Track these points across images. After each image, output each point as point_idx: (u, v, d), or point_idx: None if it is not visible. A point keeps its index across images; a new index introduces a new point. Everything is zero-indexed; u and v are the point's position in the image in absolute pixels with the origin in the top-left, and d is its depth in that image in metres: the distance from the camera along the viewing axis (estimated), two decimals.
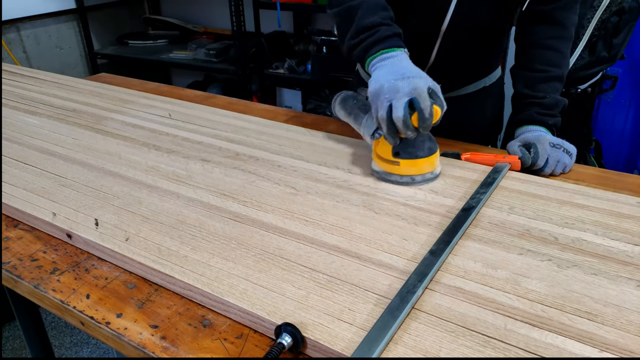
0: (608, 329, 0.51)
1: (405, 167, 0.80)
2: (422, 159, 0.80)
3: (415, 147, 0.80)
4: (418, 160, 0.80)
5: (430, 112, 0.75)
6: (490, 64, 1.12)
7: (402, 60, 0.82)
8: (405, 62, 0.82)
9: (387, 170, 0.82)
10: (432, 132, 0.80)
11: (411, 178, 0.80)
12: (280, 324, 0.52)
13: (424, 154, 0.80)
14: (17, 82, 1.44)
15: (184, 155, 0.93)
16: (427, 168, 0.81)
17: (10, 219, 0.79)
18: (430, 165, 0.81)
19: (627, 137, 2.04)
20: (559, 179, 0.84)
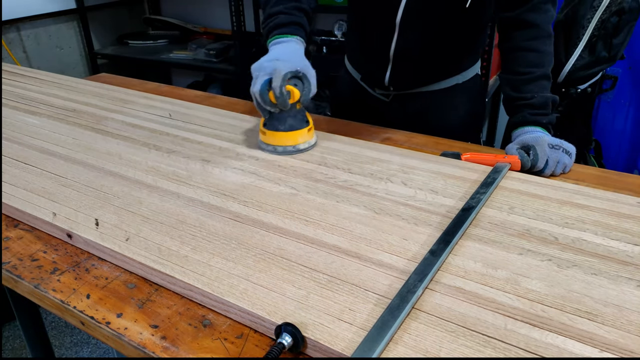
0: (608, 329, 0.51)
1: (269, 137, 0.93)
2: (281, 132, 0.92)
3: (278, 121, 0.93)
4: (277, 133, 0.93)
5: (280, 91, 0.86)
6: (460, 62, 1.11)
7: (288, 46, 0.93)
8: (290, 48, 0.93)
9: (260, 137, 0.96)
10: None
11: (273, 148, 0.93)
12: (281, 324, 0.52)
13: (283, 129, 0.92)
14: (17, 82, 1.44)
15: (184, 155, 0.93)
16: (288, 142, 0.93)
17: (10, 219, 0.79)
18: (290, 140, 0.93)
19: (627, 137, 2.04)
20: (559, 179, 0.84)
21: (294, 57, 0.91)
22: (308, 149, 0.94)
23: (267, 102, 0.88)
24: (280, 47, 0.94)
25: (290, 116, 0.92)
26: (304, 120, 0.94)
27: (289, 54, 0.91)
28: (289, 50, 0.93)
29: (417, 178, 0.82)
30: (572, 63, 1.67)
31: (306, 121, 0.94)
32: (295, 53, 0.92)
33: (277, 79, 0.86)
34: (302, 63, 0.90)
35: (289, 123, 0.92)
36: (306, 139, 0.94)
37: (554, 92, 0.95)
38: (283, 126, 0.92)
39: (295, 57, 0.91)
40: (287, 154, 0.93)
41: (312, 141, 0.95)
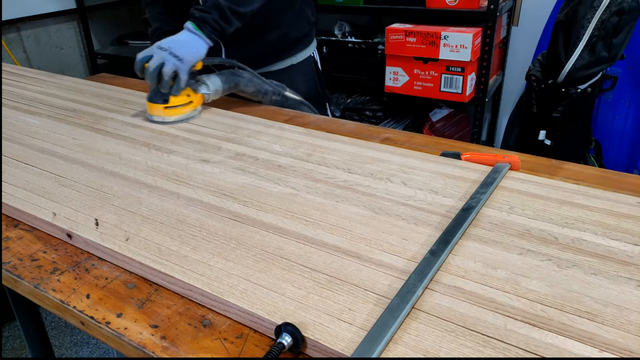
0: (608, 329, 0.51)
1: (148, 107, 1.10)
2: (150, 102, 1.09)
3: (152, 93, 1.10)
4: (148, 103, 1.10)
5: (138, 67, 1.05)
6: (285, 47, 1.30)
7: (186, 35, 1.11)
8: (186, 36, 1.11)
9: None
10: None
11: (149, 116, 1.10)
12: (280, 324, 0.52)
13: (147, 98, 1.10)
14: (17, 82, 1.44)
15: (184, 155, 0.93)
16: (157, 112, 1.09)
17: (10, 219, 0.79)
18: (158, 111, 1.08)
19: (627, 137, 2.04)
20: (559, 179, 0.84)
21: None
22: (162, 123, 1.08)
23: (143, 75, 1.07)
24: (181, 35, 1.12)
25: (153, 91, 1.09)
26: (162, 98, 1.07)
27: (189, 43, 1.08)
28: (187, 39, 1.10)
29: (417, 178, 0.82)
30: (572, 63, 1.67)
31: (164, 100, 1.07)
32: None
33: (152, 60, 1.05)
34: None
35: (161, 96, 1.08)
36: (159, 113, 1.08)
37: (554, 92, 0.96)
38: (147, 95, 1.10)
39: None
40: (158, 124, 1.08)
41: (168, 118, 1.08)
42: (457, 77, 1.97)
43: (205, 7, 1.09)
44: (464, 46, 1.90)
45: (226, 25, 1.10)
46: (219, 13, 1.09)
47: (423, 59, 2.02)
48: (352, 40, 2.30)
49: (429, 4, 2.01)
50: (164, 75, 1.04)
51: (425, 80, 2.05)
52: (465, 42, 1.89)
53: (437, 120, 2.32)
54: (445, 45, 1.94)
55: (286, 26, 1.29)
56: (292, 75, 1.32)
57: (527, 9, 2.24)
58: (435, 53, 1.97)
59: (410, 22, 2.10)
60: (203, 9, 1.09)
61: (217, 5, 1.08)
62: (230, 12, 1.09)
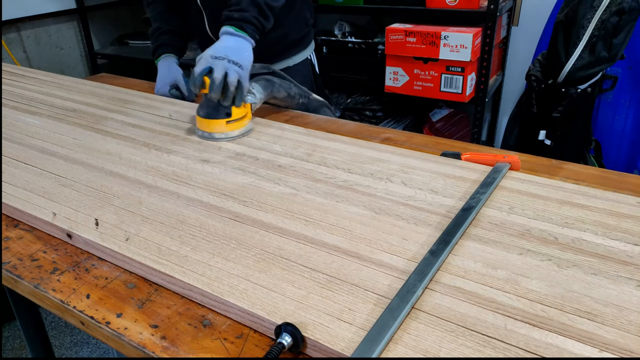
0: (608, 329, 0.51)
1: (199, 122, 1.02)
2: (199, 117, 1.01)
3: (201, 107, 1.01)
4: (197, 117, 1.02)
5: (198, 82, 0.97)
6: (283, 48, 1.30)
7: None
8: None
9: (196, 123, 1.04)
10: None
11: (198, 131, 1.02)
12: (280, 324, 0.52)
13: (202, 114, 1.00)
14: (17, 82, 1.44)
15: (184, 155, 0.93)
16: (220, 129, 1.00)
17: (10, 219, 0.79)
18: (221, 127, 0.99)
19: (627, 137, 2.04)
20: (559, 179, 0.84)
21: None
22: (224, 139, 1.00)
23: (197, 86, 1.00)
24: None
25: (210, 106, 1.00)
26: (224, 112, 1.00)
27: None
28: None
29: (417, 178, 0.82)
30: (572, 63, 1.67)
31: (227, 114, 0.99)
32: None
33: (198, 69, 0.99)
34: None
35: (207, 111, 1.00)
36: (222, 129, 1.00)
37: (554, 92, 0.96)
38: (202, 112, 1.01)
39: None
40: (204, 139, 1.01)
41: (230, 133, 1.00)
42: (457, 77, 1.97)
43: (241, 6, 1.05)
44: (464, 46, 1.90)
45: (265, 22, 1.07)
46: (257, 10, 1.05)
47: (423, 59, 2.02)
48: (352, 40, 2.30)
49: (429, 4, 2.01)
50: (230, 86, 0.96)
51: (425, 80, 2.05)
52: (465, 42, 1.89)
53: (437, 120, 2.32)
54: (445, 45, 1.94)
55: (286, 27, 1.28)
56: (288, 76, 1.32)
57: (527, 9, 2.24)
58: (435, 53, 1.97)
59: (410, 22, 2.10)
60: (240, 8, 1.04)
61: (254, 2, 1.05)
62: (267, 7, 1.06)
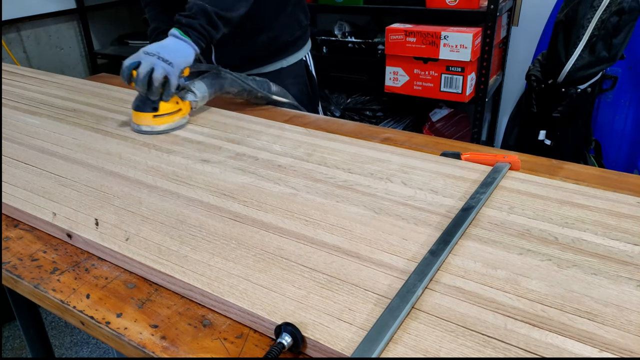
0: (608, 329, 0.51)
1: (134, 116, 1.04)
2: (137, 111, 1.03)
3: (139, 101, 1.04)
4: (135, 112, 1.04)
5: (125, 75, 1.00)
6: (275, 50, 1.31)
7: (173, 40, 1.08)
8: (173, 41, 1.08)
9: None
10: None
11: (136, 126, 1.04)
12: (280, 324, 0.52)
13: (133, 107, 1.03)
14: (17, 82, 1.44)
15: (184, 155, 0.93)
16: (146, 122, 1.03)
17: (10, 219, 0.79)
18: (147, 120, 1.03)
19: (627, 137, 2.04)
20: (559, 179, 0.84)
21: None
22: (150, 133, 1.03)
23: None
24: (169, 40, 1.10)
25: (139, 99, 1.03)
26: (150, 106, 1.02)
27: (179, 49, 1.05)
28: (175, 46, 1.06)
29: (417, 178, 0.82)
30: (572, 63, 1.67)
31: (153, 108, 1.02)
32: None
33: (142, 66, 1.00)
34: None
35: (136, 104, 1.03)
36: (149, 122, 1.03)
37: (554, 92, 0.96)
38: (133, 104, 1.04)
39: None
40: (134, 131, 1.04)
41: (157, 127, 1.03)
42: (457, 77, 1.97)
43: (191, 12, 1.06)
44: (464, 46, 1.90)
45: (213, 31, 1.08)
46: (205, 18, 1.06)
47: (423, 59, 2.02)
48: (352, 40, 2.30)
49: (429, 4, 2.01)
50: (154, 81, 0.99)
51: (425, 80, 2.05)
52: (465, 42, 1.89)
53: (437, 120, 2.33)
54: (445, 45, 1.94)
55: (277, 29, 1.29)
56: (281, 77, 1.32)
57: (527, 9, 2.24)
58: (435, 53, 1.97)
59: (410, 22, 2.10)
60: (189, 14, 1.06)
61: (204, 10, 1.06)
62: (217, 17, 1.07)
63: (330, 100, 2.49)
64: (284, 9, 1.28)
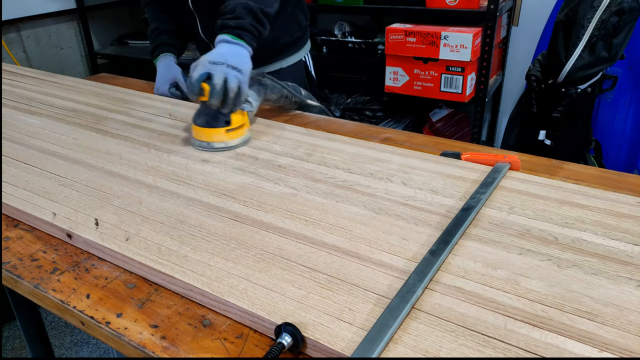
0: (608, 329, 0.51)
1: (195, 132, 0.97)
2: (197, 126, 0.95)
3: (199, 115, 0.96)
4: (194, 127, 0.96)
5: (196, 89, 0.91)
6: (275, 50, 1.31)
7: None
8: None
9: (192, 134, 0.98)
10: None
11: (195, 141, 0.97)
12: (280, 324, 0.52)
13: (199, 123, 0.95)
14: (17, 82, 1.44)
15: (184, 155, 0.93)
16: (219, 138, 0.95)
17: (10, 219, 0.79)
18: (220, 136, 0.95)
19: (627, 137, 2.04)
20: (559, 179, 0.84)
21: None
22: (224, 149, 0.95)
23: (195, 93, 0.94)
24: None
25: (209, 114, 0.95)
26: (223, 120, 0.95)
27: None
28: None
29: (417, 178, 0.82)
30: (572, 63, 1.67)
31: (226, 122, 0.95)
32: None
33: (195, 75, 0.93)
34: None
35: (206, 119, 0.95)
36: (222, 138, 0.95)
37: (554, 92, 0.96)
38: (200, 121, 0.96)
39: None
40: (203, 149, 0.96)
41: (230, 142, 0.96)
42: (457, 77, 1.97)
43: (236, 13, 1.02)
44: (464, 46, 1.90)
45: (262, 29, 1.05)
46: (252, 17, 1.03)
47: (423, 59, 2.02)
48: (352, 40, 2.30)
49: (429, 4, 2.01)
50: (230, 92, 0.91)
51: (425, 80, 2.05)
52: (465, 42, 1.89)
53: (437, 120, 2.33)
54: (445, 45, 1.94)
55: (277, 30, 1.26)
56: (281, 78, 1.32)
57: (527, 9, 2.24)
58: (435, 53, 1.97)
59: (410, 22, 2.10)
60: (236, 16, 1.02)
61: (249, 8, 1.02)
62: (262, 13, 1.04)
63: (330, 100, 2.49)
64: (284, 10, 1.27)
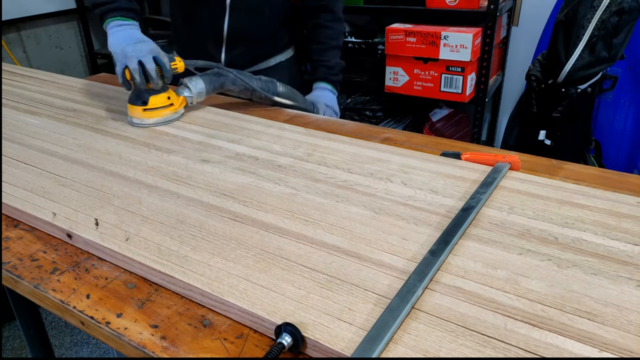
0: (608, 329, 0.51)
1: (128, 109, 1.08)
2: (130, 105, 1.07)
3: (133, 94, 1.07)
4: (129, 105, 1.07)
5: (151, 69, 1.03)
6: (279, 44, 1.40)
7: (134, 29, 1.11)
8: (136, 31, 1.11)
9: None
10: None
11: (129, 118, 1.09)
12: (280, 324, 0.52)
13: (130, 101, 1.06)
14: (17, 82, 1.44)
15: (184, 155, 0.93)
16: (136, 115, 1.07)
17: (10, 219, 0.79)
18: (137, 113, 1.07)
19: (627, 137, 2.04)
20: (559, 179, 0.84)
21: (146, 38, 1.09)
22: (139, 125, 1.07)
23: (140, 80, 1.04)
24: (131, 31, 1.11)
25: (136, 92, 1.07)
26: (141, 99, 1.06)
27: (142, 36, 1.09)
28: (137, 33, 1.11)
29: (417, 178, 0.82)
30: (572, 63, 1.67)
31: (143, 102, 1.06)
32: (146, 38, 1.09)
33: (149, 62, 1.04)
34: (155, 45, 1.08)
35: (130, 96, 1.07)
36: (139, 115, 1.07)
37: (554, 92, 0.96)
38: (129, 97, 1.08)
39: (145, 38, 1.09)
40: (128, 124, 1.08)
41: (146, 120, 1.06)
42: (457, 77, 1.97)
43: (337, 70, 1.33)
44: (464, 46, 1.90)
45: None
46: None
47: (423, 59, 2.02)
48: (352, 40, 2.30)
49: (429, 4, 2.01)
50: (150, 71, 1.04)
51: (425, 80, 2.05)
52: (465, 42, 1.89)
53: (437, 120, 2.32)
54: (445, 45, 1.94)
55: (283, 32, 1.39)
56: (277, 72, 1.38)
57: (527, 9, 2.24)
58: (435, 53, 1.97)
59: (410, 22, 2.10)
60: (337, 72, 1.34)
61: (341, 65, 1.35)
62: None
63: None
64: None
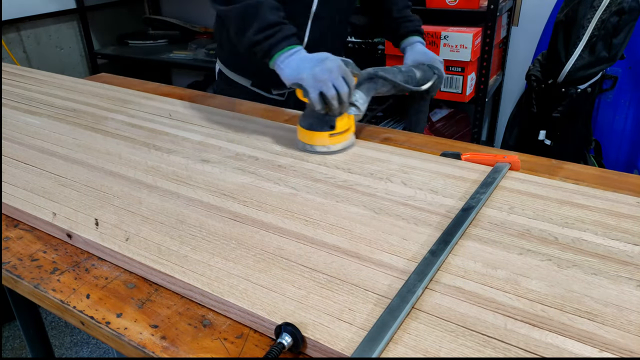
0: (608, 329, 0.51)
1: (300, 133, 0.95)
2: (303, 129, 0.94)
3: (313, 119, 0.94)
4: (301, 129, 0.95)
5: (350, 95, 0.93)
6: (342, 50, 1.33)
7: (304, 51, 0.95)
8: (306, 53, 0.95)
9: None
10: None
11: (310, 146, 0.94)
12: (280, 324, 0.52)
13: (305, 125, 0.94)
14: (17, 82, 1.44)
15: (184, 155, 0.93)
16: (305, 139, 0.94)
17: (10, 219, 0.79)
18: (320, 139, 0.93)
19: (627, 137, 2.04)
20: (559, 179, 0.84)
21: (330, 55, 0.95)
22: (326, 153, 0.93)
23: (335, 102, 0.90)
24: (304, 54, 0.95)
25: (314, 116, 0.93)
26: (328, 124, 0.93)
27: (324, 54, 0.94)
28: (319, 54, 0.94)
29: (417, 178, 0.82)
30: (572, 63, 1.67)
31: (330, 126, 0.92)
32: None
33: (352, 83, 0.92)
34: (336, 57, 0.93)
35: (310, 122, 0.94)
36: (324, 142, 0.93)
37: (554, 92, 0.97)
38: (304, 123, 0.94)
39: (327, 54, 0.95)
40: (305, 151, 0.94)
41: (332, 147, 0.93)
42: (457, 77, 1.97)
43: (415, 17, 1.21)
44: (464, 46, 1.90)
45: None
46: None
47: None
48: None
49: (429, 4, 2.01)
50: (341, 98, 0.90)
51: None
52: (465, 42, 1.89)
53: (437, 120, 2.32)
54: (445, 45, 1.93)
55: None
56: None
57: (527, 9, 2.24)
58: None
59: None
60: (418, 18, 1.21)
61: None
62: None
63: None
64: None
